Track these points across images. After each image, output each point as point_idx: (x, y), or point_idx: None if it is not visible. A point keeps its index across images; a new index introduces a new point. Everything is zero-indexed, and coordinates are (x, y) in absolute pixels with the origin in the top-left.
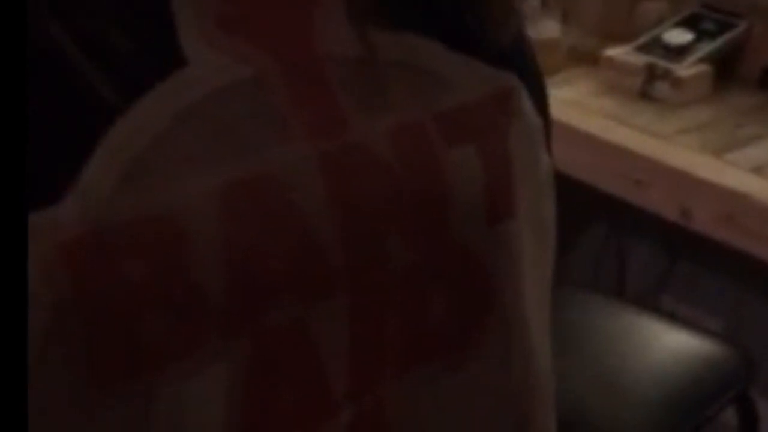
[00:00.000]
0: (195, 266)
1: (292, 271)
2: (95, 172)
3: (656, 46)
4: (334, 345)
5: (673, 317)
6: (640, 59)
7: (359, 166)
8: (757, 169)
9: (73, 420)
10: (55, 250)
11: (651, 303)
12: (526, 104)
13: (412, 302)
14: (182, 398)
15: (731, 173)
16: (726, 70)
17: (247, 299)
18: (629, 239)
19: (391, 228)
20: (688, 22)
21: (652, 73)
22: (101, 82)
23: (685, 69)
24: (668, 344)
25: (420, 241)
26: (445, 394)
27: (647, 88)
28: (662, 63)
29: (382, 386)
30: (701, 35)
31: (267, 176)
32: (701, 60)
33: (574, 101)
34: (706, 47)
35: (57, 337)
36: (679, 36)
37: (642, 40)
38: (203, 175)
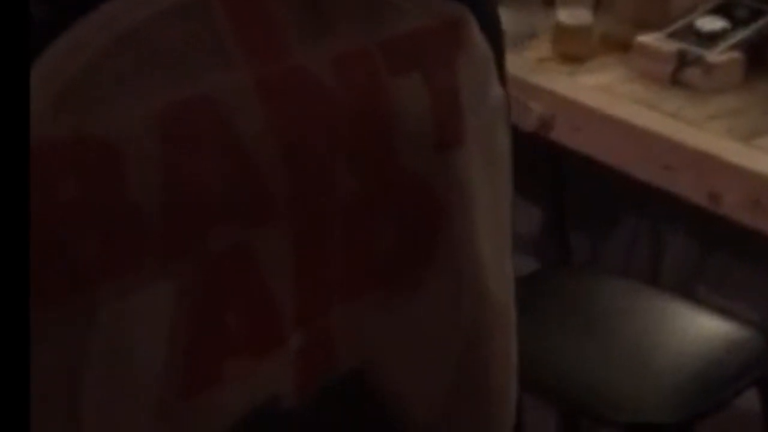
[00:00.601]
0: (131, 187)
1: (231, 195)
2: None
3: (689, 33)
4: (280, 271)
5: (701, 303)
6: (672, 46)
7: (301, 92)
8: None
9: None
10: None
11: (686, 292)
12: (476, 35)
13: (359, 230)
14: (125, 316)
15: (760, 158)
16: (758, 58)
17: (185, 221)
18: (662, 229)
19: (335, 154)
20: (722, 10)
21: (683, 60)
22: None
23: (717, 56)
24: (693, 327)
25: (366, 168)
26: (392, 322)
27: (678, 75)
28: (694, 49)
29: (330, 313)
30: (734, 23)
31: (206, 100)
32: (733, 47)
33: (605, 87)
34: (739, 34)
35: None
36: (711, 23)
37: (674, 26)
38: (141, 98)
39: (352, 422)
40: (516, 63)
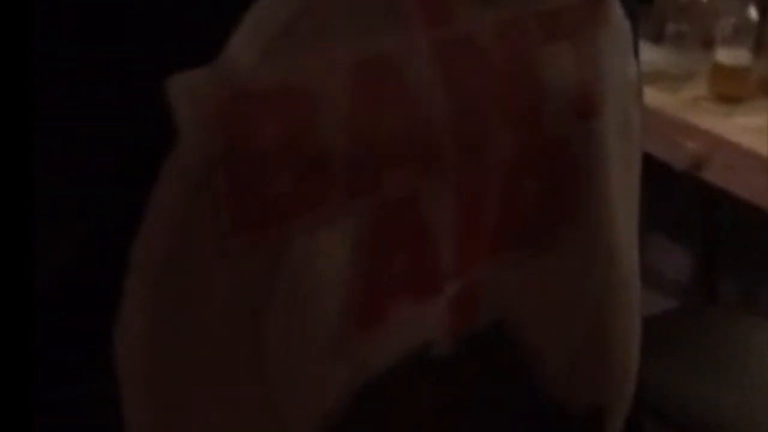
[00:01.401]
0: (323, 132)
1: (405, 145)
2: (241, 42)
3: None
4: (441, 222)
5: None
6: None
7: (467, 55)
8: None
9: (217, 270)
10: (209, 107)
11: None
12: (618, 12)
13: (507, 189)
14: (312, 251)
15: None
16: None
17: (365, 167)
18: None
19: (493, 116)
20: None
21: None
22: None
23: None
24: None
25: (517, 131)
26: (530, 279)
27: None
28: None
29: (478, 267)
30: None
31: (387, 57)
32: None
33: (761, 128)
34: None
35: (204, 190)
36: None
37: None
38: (333, 52)
39: (491, 371)
40: (671, 101)
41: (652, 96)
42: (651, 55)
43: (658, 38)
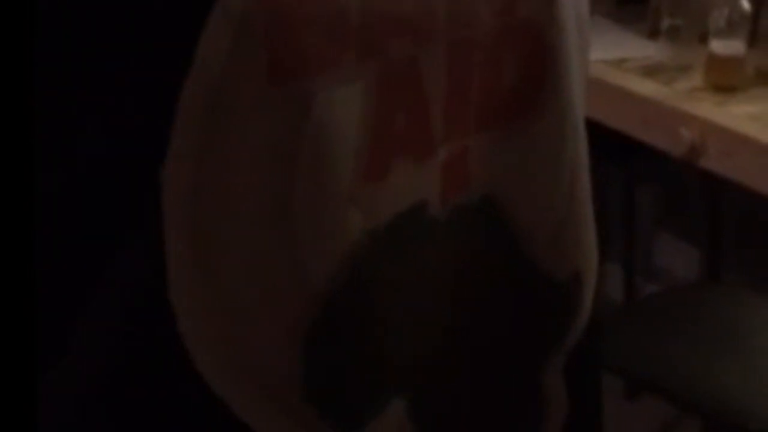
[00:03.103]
0: None
1: (408, 16)
2: None
3: None
4: (435, 89)
5: None
6: None
7: None
8: None
9: (256, 117)
10: None
11: None
12: None
13: (489, 64)
14: (332, 105)
15: None
16: None
17: (374, 29)
18: None
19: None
20: None
21: None
22: None
23: None
24: None
25: (497, 12)
26: (513, 159)
27: None
28: None
29: (468, 137)
30: None
31: None
32: None
33: (755, 116)
34: None
35: (245, 39)
36: None
37: None
38: None
39: (485, 245)
40: (668, 93)
41: (650, 88)
42: (648, 49)
43: (654, 33)
